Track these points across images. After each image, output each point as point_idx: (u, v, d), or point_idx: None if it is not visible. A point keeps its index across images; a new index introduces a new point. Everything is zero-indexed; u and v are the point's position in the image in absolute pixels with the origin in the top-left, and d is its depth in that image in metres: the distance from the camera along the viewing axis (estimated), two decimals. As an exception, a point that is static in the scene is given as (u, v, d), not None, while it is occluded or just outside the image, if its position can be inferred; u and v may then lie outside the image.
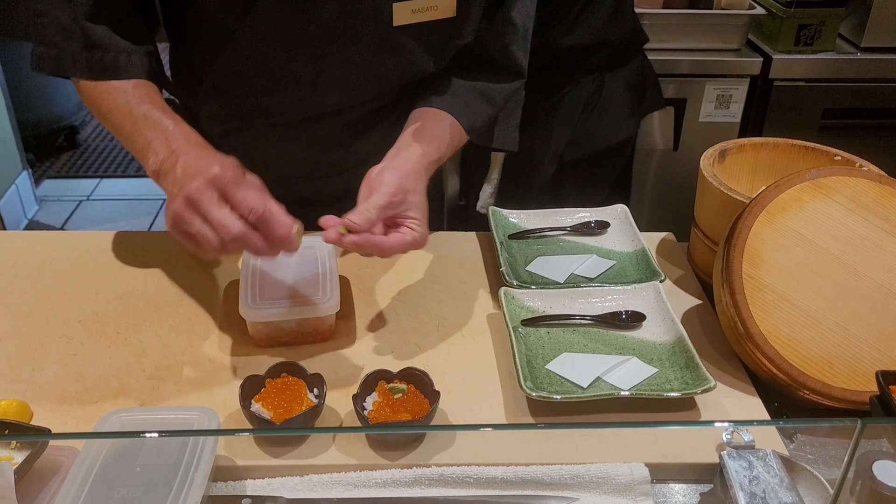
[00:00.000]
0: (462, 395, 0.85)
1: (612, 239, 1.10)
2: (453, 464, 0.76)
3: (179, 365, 0.88)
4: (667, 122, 2.18)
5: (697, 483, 0.78)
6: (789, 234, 0.89)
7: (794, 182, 0.91)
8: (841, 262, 0.88)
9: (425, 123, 0.98)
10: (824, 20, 2.06)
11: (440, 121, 1.00)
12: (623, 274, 1.03)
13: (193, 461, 0.68)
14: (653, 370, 0.86)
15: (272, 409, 0.78)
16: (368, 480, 0.75)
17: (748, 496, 0.70)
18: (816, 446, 0.82)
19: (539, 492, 0.75)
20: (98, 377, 0.86)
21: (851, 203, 0.90)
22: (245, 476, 0.76)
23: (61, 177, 3.50)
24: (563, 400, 0.81)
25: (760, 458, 0.74)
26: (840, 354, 0.84)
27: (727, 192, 0.97)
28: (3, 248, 1.08)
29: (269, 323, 0.89)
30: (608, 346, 0.91)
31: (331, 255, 0.97)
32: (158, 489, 0.66)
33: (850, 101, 2.16)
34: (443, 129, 0.99)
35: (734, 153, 1.10)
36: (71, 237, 1.14)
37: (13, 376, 0.86)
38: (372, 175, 0.88)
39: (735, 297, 0.86)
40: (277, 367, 0.82)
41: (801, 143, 1.10)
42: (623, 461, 0.77)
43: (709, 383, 0.82)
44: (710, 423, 0.84)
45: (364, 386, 0.81)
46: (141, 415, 0.76)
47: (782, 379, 0.84)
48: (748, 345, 0.85)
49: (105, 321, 0.95)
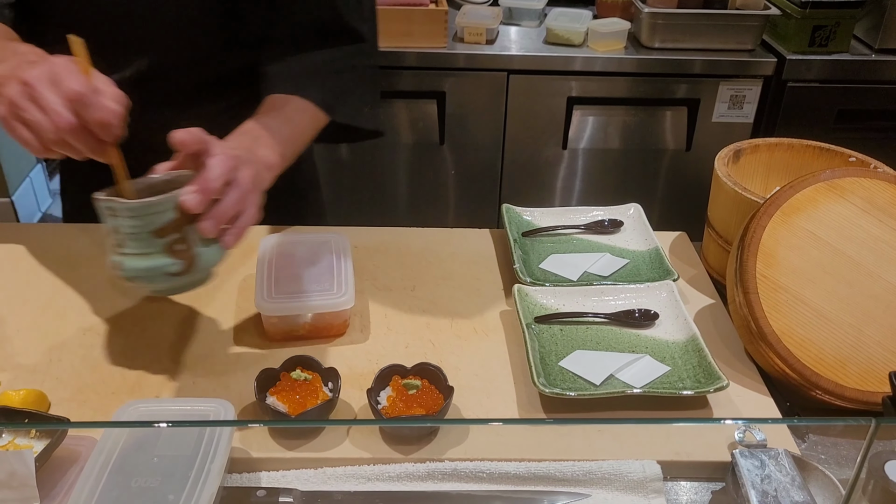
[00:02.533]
0: (475, 391, 0.85)
1: (626, 238, 1.10)
2: (466, 459, 0.77)
3: (195, 358, 0.89)
4: (680, 122, 2.18)
5: (709, 481, 0.78)
6: (803, 234, 0.89)
7: (808, 182, 0.91)
8: (855, 262, 0.88)
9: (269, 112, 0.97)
10: (839, 21, 2.05)
11: (286, 104, 0.99)
12: (636, 273, 1.03)
13: (210, 452, 0.69)
14: (665, 368, 0.87)
15: (287, 403, 0.79)
16: (382, 474, 0.75)
17: (760, 495, 0.71)
18: (828, 446, 0.83)
19: (551, 487, 0.76)
20: (115, 369, 0.87)
21: (866, 204, 0.90)
22: (260, 468, 0.77)
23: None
24: (576, 397, 0.82)
25: (772, 458, 0.74)
26: (853, 355, 0.84)
27: (741, 192, 0.97)
28: (22, 241, 1.09)
29: (284, 317, 0.90)
30: (621, 344, 0.91)
31: (346, 250, 0.98)
32: (175, 479, 0.67)
33: (865, 102, 2.15)
34: (290, 112, 0.98)
35: (748, 153, 1.10)
36: (89, 230, 1.15)
37: (32, 367, 0.87)
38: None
39: (748, 296, 0.86)
40: (292, 360, 0.83)
41: (816, 144, 1.09)
42: (635, 458, 0.77)
43: (721, 382, 0.82)
44: (721, 421, 0.84)
45: (378, 380, 0.81)
46: (158, 406, 0.77)
47: (795, 379, 0.84)
48: (761, 344, 0.85)
49: (122, 313, 0.96)
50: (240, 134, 0.89)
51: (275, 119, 0.95)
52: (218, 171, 0.73)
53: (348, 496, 0.74)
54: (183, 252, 0.73)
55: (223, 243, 0.75)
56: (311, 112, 1.01)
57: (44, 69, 0.73)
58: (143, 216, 0.71)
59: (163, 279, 0.73)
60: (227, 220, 0.74)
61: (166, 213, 0.71)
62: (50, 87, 0.72)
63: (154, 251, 0.72)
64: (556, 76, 2.11)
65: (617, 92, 2.13)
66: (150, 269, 0.72)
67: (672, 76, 2.11)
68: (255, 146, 0.86)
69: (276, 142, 0.90)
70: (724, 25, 2.06)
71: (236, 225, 0.76)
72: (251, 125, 0.91)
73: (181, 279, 0.74)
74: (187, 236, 0.73)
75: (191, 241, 0.73)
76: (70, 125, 0.71)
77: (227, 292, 1.00)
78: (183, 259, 0.73)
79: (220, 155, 0.75)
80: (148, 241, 0.72)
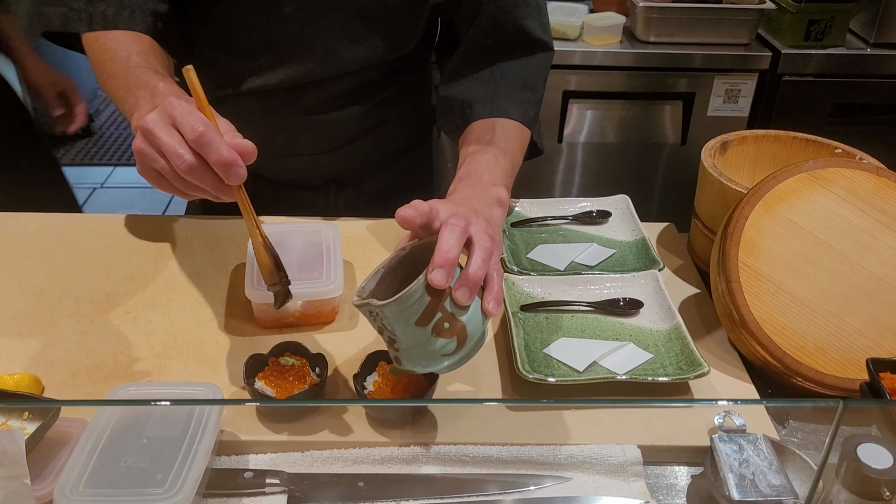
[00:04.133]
0: (460, 377, 0.87)
1: (614, 228, 1.11)
2: (450, 442, 0.78)
3: (186, 344, 0.91)
4: (675, 117, 2.19)
5: (689, 465, 0.79)
6: (786, 224, 0.90)
7: (791, 173, 0.92)
8: (837, 252, 0.89)
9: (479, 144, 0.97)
10: (834, 15, 2.06)
11: (493, 130, 0.99)
12: (623, 262, 1.04)
13: (198, 434, 0.71)
14: (648, 356, 0.88)
15: (275, 387, 0.80)
16: (367, 457, 0.77)
17: (737, 478, 0.72)
18: (808, 432, 0.84)
19: (534, 471, 0.77)
20: (107, 354, 0.89)
21: (848, 194, 0.92)
22: (248, 451, 0.78)
23: (76, 164, 3.54)
24: (558, 383, 0.83)
25: (751, 442, 0.75)
26: (833, 343, 0.85)
27: (726, 182, 0.99)
28: (19, 230, 1.11)
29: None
30: (605, 332, 0.92)
31: (335, 238, 0.99)
32: (163, 460, 0.68)
33: (860, 96, 2.16)
34: (499, 138, 0.98)
35: (736, 145, 1.11)
36: (84, 220, 1.16)
37: (26, 352, 0.89)
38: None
39: (731, 285, 0.87)
40: (281, 346, 0.85)
41: (803, 136, 1.11)
42: (616, 443, 0.78)
43: (702, 369, 0.83)
44: (697, 402, 0.85)
45: (365, 366, 0.83)
46: (147, 389, 0.79)
47: (776, 366, 0.85)
48: (742, 332, 0.86)
49: (115, 301, 0.97)
50: (460, 181, 0.88)
51: (487, 154, 0.93)
52: (453, 241, 0.70)
53: (334, 478, 0.75)
54: (451, 329, 0.70)
55: (486, 312, 0.72)
56: (517, 131, 1.01)
57: (160, 112, 0.71)
58: (401, 310, 0.68)
59: (443, 360, 0.72)
60: (478, 283, 0.71)
61: (422, 299, 0.68)
62: (168, 131, 0.70)
63: (425, 338, 0.70)
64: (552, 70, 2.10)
65: (612, 86, 2.14)
66: (428, 355, 0.71)
67: (667, 70, 2.12)
68: (478, 192, 0.85)
69: (499, 175, 0.90)
70: (720, 19, 2.07)
71: (490, 288, 0.73)
72: (469, 168, 0.90)
73: (460, 353, 0.72)
74: (449, 312, 0.70)
75: (454, 315, 0.70)
76: (190, 166, 0.69)
77: (218, 280, 1.02)
78: (454, 335, 0.71)
79: (450, 224, 0.71)
80: (416, 332, 0.70)
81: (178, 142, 0.70)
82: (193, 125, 0.69)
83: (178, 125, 0.70)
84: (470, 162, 0.92)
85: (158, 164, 0.71)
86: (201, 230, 1.12)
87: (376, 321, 0.71)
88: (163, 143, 0.70)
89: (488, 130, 0.99)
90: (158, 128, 0.70)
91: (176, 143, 0.70)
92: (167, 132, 0.70)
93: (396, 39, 1.07)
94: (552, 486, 0.76)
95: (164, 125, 0.71)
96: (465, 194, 0.85)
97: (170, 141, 0.70)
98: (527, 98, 1.05)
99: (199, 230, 1.12)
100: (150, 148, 0.71)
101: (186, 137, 0.69)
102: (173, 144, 0.70)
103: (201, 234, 1.11)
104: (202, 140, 0.68)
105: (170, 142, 0.70)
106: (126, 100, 0.84)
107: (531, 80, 1.07)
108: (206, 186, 0.71)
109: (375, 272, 0.74)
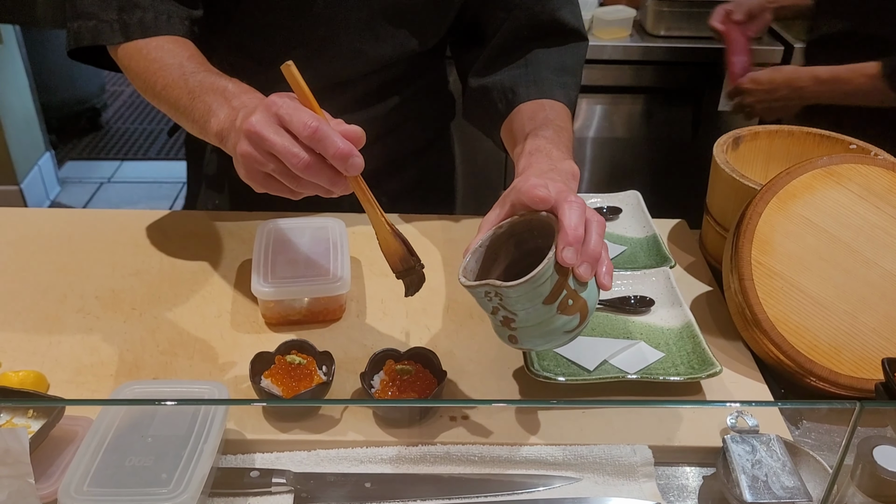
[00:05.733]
0: (469, 376, 0.86)
1: (624, 224, 1.10)
2: (458, 442, 0.77)
3: (192, 341, 0.90)
4: (685, 111, 2.17)
5: (700, 466, 0.78)
6: (800, 221, 0.89)
7: (805, 169, 0.91)
8: (851, 249, 0.88)
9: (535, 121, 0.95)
10: (847, 9, 2.03)
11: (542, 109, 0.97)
12: (633, 259, 1.03)
13: (203, 433, 0.70)
14: (660, 354, 0.87)
15: (281, 385, 0.79)
16: (374, 456, 0.76)
17: (750, 480, 0.71)
18: (822, 433, 0.83)
19: (542, 471, 0.76)
20: (113, 351, 0.88)
21: (863, 191, 0.90)
22: (253, 450, 0.77)
23: (83, 159, 3.55)
24: (568, 382, 0.82)
25: (764, 443, 0.74)
26: (848, 342, 0.84)
27: (739, 178, 0.97)
28: (25, 226, 1.10)
29: (281, 301, 0.91)
30: (616, 331, 0.91)
31: (342, 235, 0.99)
32: (169, 459, 0.67)
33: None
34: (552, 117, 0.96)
35: (748, 140, 1.10)
36: (90, 215, 1.16)
37: (31, 349, 0.88)
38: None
39: (743, 283, 0.86)
40: (287, 344, 0.84)
41: (817, 132, 1.09)
42: (627, 443, 0.77)
43: (714, 368, 0.82)
44: (710, 403, 0.84)
45: (372, 365, 0.82)
46: (153, 387, 0.78)
47: (789, 366, 0.84)
48: (755, 331, 0.85)
49: (121, 297, 0.97)
50: (531, 155, 0.85)
51: (548, 129, 0.91)
52: (576, 218, 0.69)
53: (340, 478, 0.75)
54: (574, 306, 0.70)
55: (601, 286, 0.72)
56: (564, 111, 0.99)
57: (263, 113, 0.70)
58: (530, 290, 0.67)
59: (564, 336, 0.71)
60: (598, 258, 0.71)
61: (552, 278, 0.67)
62: (277, 131, 0.69)
63: (549, 316, 0.69)
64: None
65: (622, 80, 2.12)
66: (549, 333, 0.70)
67: (677, 64, 2.10)
68: (556, 166, 0.82)
69: (564, 150, 0.88)
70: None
71: (602, 262, 0.72)
72: (536, 143, 0.87)
73: (581, 328, 0.72)
74: (572, 289, 0.69)
75: (576, 291, 0.70)
76: (307, 164, 0.68)
77: (225, 277, 1.01)
78: (577, 312, 0.70)
79: (569, 201, 0.70)
80: (541, 311, 0.69)
81: (290, 141, 0.68)
82: (305, 121, 0.68)
83: (285, 124, 0.69)
84: (534, 138, 0.89)
85: (269, 167, 0.70)
86: (208, 226, 1.11)
87: (492, 301, 0.70)
88: (274, 145, 0.69)
89: (539, 110, 0.97)
90: (266, 129, 0.69)
91: (288, 143, 0.68)
92: (276, 132, 0.69)
93: (423, 35, 1.06)
94: (561, 487, 0.75)
95: (272, 125, 0.69)
96: (542, 168, 0.82)
97: (281, 141, 0.68)
98: (566, 82, 1.03)
99: (206, 226, 1.11)
100: (259, 151, 0.70)
101: (299, 135, 0.68)
102: (286, 144, 0.68)
103: (208, 231, 1.10)
104: (317, 135, 0.67)
105: (281, 142, 0.68)
106: (193, 107, 0.82)
107: (569, 66, 1.05)
108: (321, 182, 0.70)
109: (474, 251, 0.73)
